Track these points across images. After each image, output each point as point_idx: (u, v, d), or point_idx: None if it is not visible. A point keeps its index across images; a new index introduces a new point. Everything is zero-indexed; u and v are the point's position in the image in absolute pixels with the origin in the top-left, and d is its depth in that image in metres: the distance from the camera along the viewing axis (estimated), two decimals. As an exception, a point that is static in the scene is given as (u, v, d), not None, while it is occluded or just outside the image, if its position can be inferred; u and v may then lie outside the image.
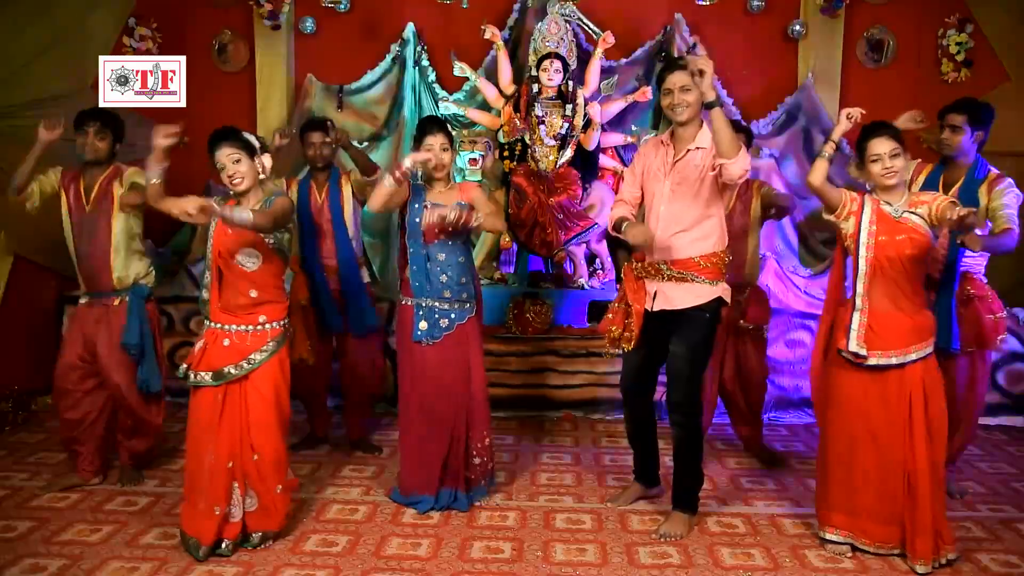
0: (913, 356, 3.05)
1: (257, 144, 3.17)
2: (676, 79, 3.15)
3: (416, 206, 3.44)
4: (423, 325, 3.42)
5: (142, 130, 3.39)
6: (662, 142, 3.34)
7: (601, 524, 3.45)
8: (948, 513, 3.19)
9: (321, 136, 4.09)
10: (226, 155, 3.06)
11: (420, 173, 3.48)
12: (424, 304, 3.42)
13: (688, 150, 3.21)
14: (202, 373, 3.08)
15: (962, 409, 3.67)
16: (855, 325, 3.06)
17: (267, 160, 3.19)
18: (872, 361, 3.05)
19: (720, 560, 3.14)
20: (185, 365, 3.14)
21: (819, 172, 3.06)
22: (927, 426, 3.03)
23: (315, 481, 3.88)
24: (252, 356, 3.10)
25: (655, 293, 3.28)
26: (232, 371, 3.08)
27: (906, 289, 3.05)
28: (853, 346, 3.05)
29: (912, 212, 3.02)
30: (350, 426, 4.36)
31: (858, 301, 3.09)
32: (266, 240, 3.11)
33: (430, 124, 3.50)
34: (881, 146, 3.02)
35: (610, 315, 3.39)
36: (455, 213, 3.25)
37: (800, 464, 4.20)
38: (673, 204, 3.22)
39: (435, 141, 3.44)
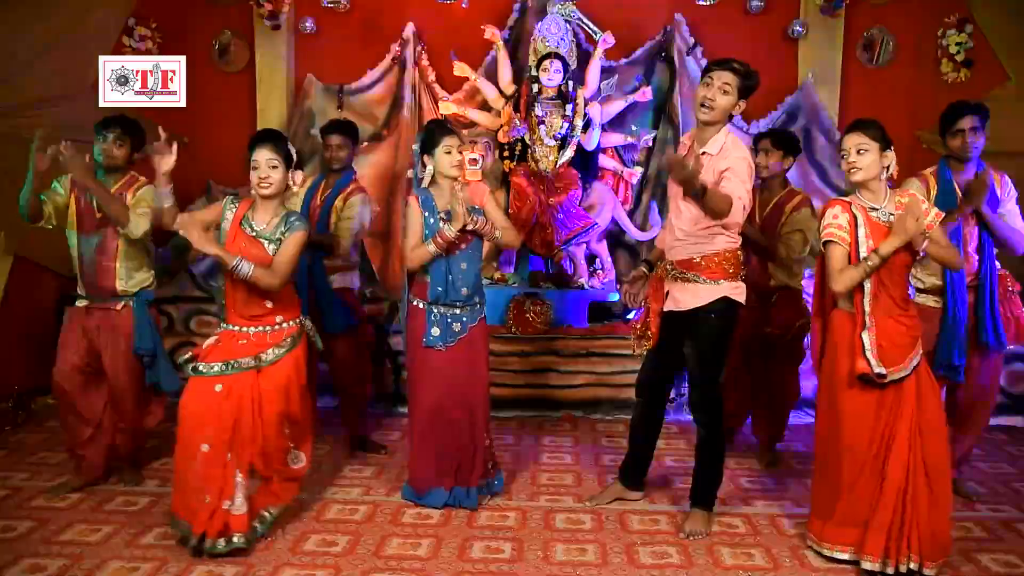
0: (913, 364, 2.96)
1: (295, 158, 3.17)
2: (716, 76, 3.10)
3: (432, 221, 3.39)
4: (435, 331, 3.42)
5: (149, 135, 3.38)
6: (686, 142, 3.35)
7: (601, 524, 3.45)
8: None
9: (340, 139, 4.07)
10: (266, 158, 3.07)
11: (425, 177, 3.45)
12: (437, 310, 3.42)
13: (703, 152, 3.14)
14: (212, 364, 3.06)
15: (973, 410, 3.67)
16: (868, 344, 2.91)
17: (299, 176, 3.19)
18: (892, 378, 2.92)
19: (720, 560, 3.15)
20: (190, 355, 3.13)
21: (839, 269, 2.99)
22: (912, 429, 2.92)
23: (315, 481, 3.87)
24: (269, 350, 3.11)
25: (667, 293, 3.32)
26: (250, 362, 3.07)
27: (897, 298, 2.96)
28: (876, 367, 2.89)
29: (894, 215, 2.92)
30: (349, 425, 4.35)
31: (866, 320, 2.95)
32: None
33: (440, 129, 3.42)
34: (849, 141, 2.96)
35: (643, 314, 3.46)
36: (478, 223, 3.33)
37: (800, 464, 4.20)
38: (682, 202, 3.21)
39: (453, 143, 3.38)
